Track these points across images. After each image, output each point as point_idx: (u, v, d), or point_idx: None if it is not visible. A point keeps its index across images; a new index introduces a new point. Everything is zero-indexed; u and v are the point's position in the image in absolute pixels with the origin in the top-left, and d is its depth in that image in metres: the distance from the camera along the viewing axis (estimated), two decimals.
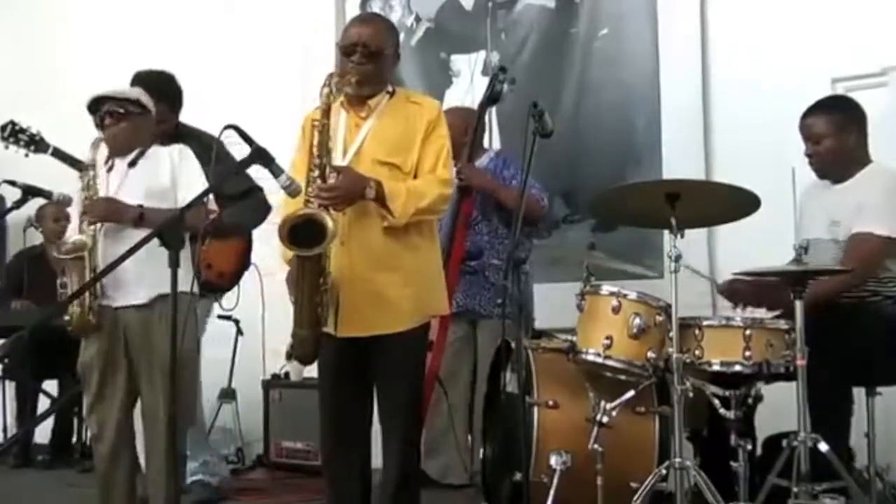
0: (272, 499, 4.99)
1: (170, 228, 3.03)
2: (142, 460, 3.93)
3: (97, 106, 3.92)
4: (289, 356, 5.30)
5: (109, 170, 3.91)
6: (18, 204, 4.27)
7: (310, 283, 3.26)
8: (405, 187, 3.38)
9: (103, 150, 3.92)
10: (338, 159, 3.40)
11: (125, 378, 3.82)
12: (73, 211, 3.91)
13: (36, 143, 4.07)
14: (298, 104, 4.72)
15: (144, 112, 3.98)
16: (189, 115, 4.58)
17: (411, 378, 3.50)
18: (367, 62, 3.43)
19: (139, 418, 3.88)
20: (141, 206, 3.74)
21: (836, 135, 3.81)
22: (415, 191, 3.38)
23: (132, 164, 3.89)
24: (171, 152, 3.91)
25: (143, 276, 3.68)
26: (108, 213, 3.77)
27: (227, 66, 6.42)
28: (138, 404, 3.87)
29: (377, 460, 3.56)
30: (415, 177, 3.45)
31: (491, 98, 4.51)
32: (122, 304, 3.80)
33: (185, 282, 3.29)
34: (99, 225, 3.79)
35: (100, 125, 3.92)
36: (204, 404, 5.13)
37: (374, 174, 3.36)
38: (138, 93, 4.00)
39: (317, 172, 3.30)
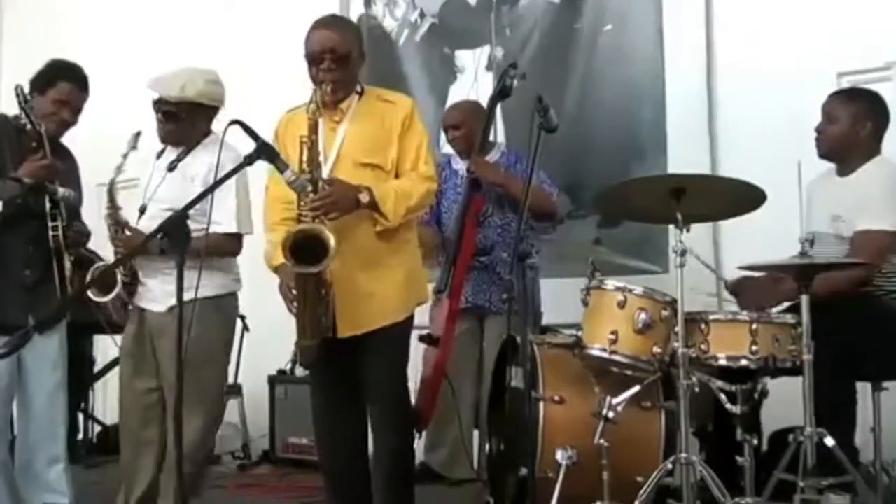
0: (278, 494, 5.00)
1: (174, 226, 3.02)
2: None
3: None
4: (294, 362, 5.35)
5: (159, 155, 3.92)
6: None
7: (312, 294, 3.29)
8: (393, 189, 3.41)
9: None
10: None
11: (153, 377, 3.84)
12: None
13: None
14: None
15: (200, 112, 3.87)
16: None
17: (399, 369, 3.54)
18: (338, 68, 3.44)
19: None
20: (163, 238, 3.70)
21: (849, 122, 3.84)
22: (402, 191, 3.42)
23: (171, 167, 3.86)
24: (211, 165, 3.62)
25: (163, 284, 3.70)
26: (130, 251, 3.74)
27: (231, 63, 6.39)
28: None
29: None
30: (396, 174, 3.48)
31: (501, 93, 4.51)
32: (147, 307, 3.85)
33: (207, 286, 3.37)
34: None
35: (155, 108, 3.88)
36: None
37: (358, 176, 3.39)
38: (198, 93, 3.85)
39: (309, 187, 3.29)
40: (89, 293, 3.89)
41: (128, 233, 3.79)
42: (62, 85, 4.09)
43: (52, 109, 4.07)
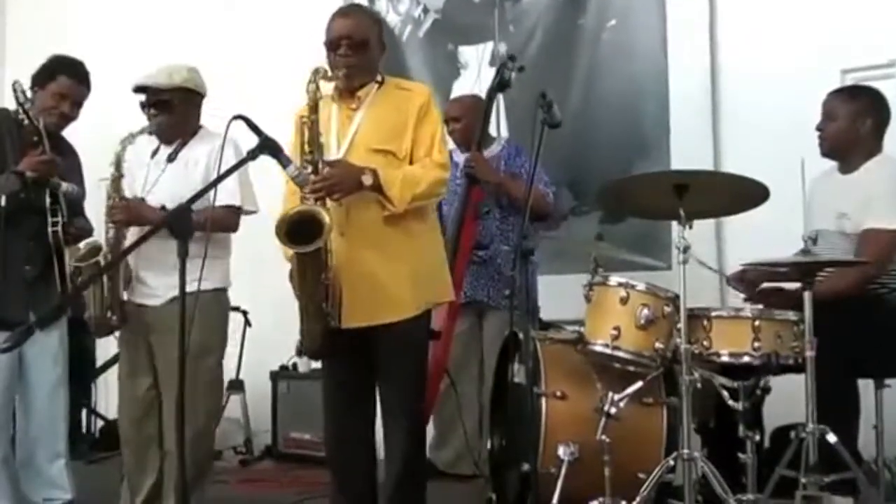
0: (280, 489, 5.00)
1: (177, 218, 3.01)
2: None
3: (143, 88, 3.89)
4: (299, 352, 5.35)
5: (154, 154, 3.91)
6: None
7: (312, 279, 3.25)
8: (401, 174, 3.36)
9: (141, 142, 3.87)
10: (332, 151, 3.40)
11: (149, 372, 3.83)
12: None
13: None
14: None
15: (191, 98, 3.91)
16: None
17: (413, 368, 3.49)
18: (353, 54, 3.43)
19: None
20: (163, 208, 3.72)
21: (848, 119, 3.84)
22: (411, 177, 3.37)
23: (171, 157, 3.86)
24: (211, 151, 3.79)
25: (163, 277, 3.68)
26: (130, 217, 3.76)
27: (231, 63, 6.42)
28: None
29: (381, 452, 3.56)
30: (410, 162, 3.44)
31: (499, 85, 4.50)
32: (143, 303, 3.83)
33: (208, 279, 3.35)
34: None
35: (145, 108, 3.88)
36: None
37: (370, 162, 3.35)
38: (186, 79, 3.89)
39: (309, 169, 3.28)
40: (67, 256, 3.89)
41: (119, 201, 3.77)
42: (62, 79, 4.10)
43: (51, 103, 4.08)
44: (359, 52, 3.44)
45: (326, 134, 3.40)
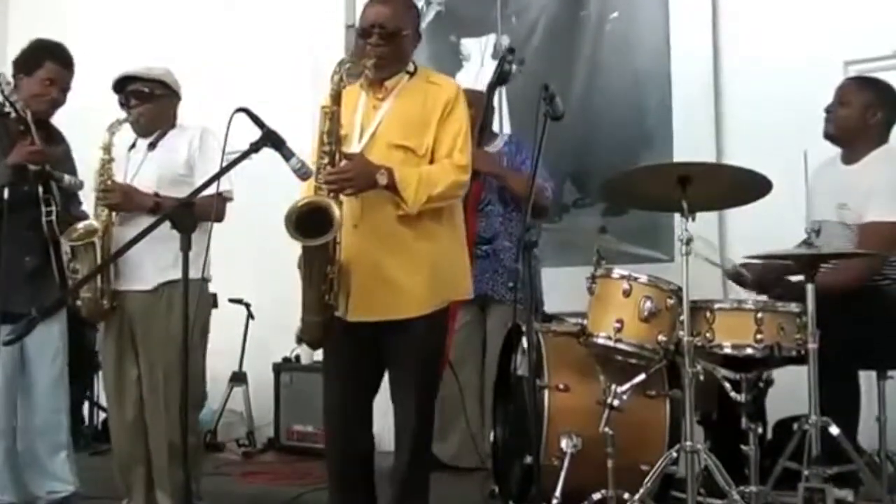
0: (283, 481, 5.00)
1: (180, 212, 3.02)
2: None
3: (122, 85, 3.94)
4: (299, 340, 5.35)
5: (131, 148, 3.94)
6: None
7: (317, 270, 3.20)
8: (417, 174, 3.28)
9: (124, 132, 3.91)
10: (354, 141, 3.34)
11: (135, 363, 3.83)
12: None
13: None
14: (309, 92, 4.72)
15: (169, 93, 3.99)
16: (198, 105, 4.56)
17: (424, 363, 3.40)
18: (385, 44, 3.35)
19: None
20: (156, 195, 3.74)
21: (860, 108, 3.86)
22: (428, 178, 3.29)
23: (152, 145, 3.92)
24: (191, 137, 3.89)
25: (149, 262, 3.69)
26: (124, 201, 3.78)
27: (231, 63, 6.43)
28: None
29: (382, 444, 3.56)
30: (431, 161, 3.36)
31: (500, 79, 4.49)
32: (127, 289, 3.82)
33: (196, 268, 3.29)
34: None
35: (124, 104, 3.92)
36: (217, 388, 5.13)
37: (388, 158, 3.29)
38: (164, 73, 3.99)
39: (326, 160, 3.23)
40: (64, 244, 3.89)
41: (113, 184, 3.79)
42: (49, 65, 4.11)
43: (40, 90, 4.08)
44: (390, 42, 3.35)
45: (351, 123, 3.34)
